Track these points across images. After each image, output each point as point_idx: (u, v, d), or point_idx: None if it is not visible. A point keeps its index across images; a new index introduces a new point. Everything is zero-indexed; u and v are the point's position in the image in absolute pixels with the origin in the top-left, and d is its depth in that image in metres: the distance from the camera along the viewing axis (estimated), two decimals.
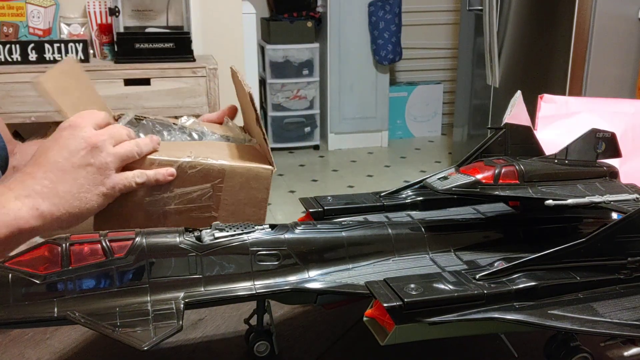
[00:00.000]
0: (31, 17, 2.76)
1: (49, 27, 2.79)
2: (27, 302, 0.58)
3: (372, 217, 0.80)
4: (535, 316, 0.62)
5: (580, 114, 1.19)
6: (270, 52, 4.57)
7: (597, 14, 2.87)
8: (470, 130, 4.04)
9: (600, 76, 2.97)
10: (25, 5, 2.74)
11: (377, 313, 0.61)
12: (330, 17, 4.56)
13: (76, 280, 0.59)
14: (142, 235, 0.63)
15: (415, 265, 0.70)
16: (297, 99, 4.72)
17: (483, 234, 0.76)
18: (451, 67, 5.15)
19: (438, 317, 0.60)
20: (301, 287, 0.65)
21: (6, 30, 2.73)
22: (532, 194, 0.74)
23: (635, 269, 0.68)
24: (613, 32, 2.91)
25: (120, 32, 2.71)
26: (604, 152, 0.82)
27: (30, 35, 2.75)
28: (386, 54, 4.64)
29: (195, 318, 0.82)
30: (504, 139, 0.83)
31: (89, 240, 0.61)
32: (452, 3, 5.06)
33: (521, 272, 0.65)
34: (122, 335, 0.57)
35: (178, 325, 0.58)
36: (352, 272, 0.68)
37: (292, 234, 0.68)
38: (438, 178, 0.76)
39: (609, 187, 0.78)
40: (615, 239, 0.67)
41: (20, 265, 0.59)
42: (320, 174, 4.45)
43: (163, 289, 0.62)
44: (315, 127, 4.84)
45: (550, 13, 3.11)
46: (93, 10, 2.82)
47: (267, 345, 0.72)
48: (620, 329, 0.62)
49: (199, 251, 0.64)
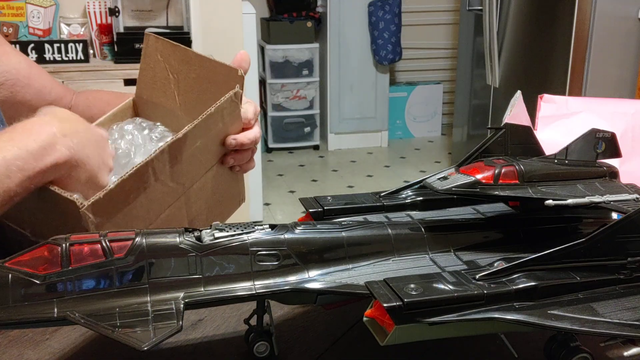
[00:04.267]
0: (31, 17, 2.76)
1: (49, 27, 2.79)
2: (27, 303, 0.58)
3: (372, 217, 0.80)
4: (535, 316, 0.62)
5: (580, 114, 1.19)
6: (270, 52, 4.57)
7: (597, 14, 2.87)
8: (470, 130, 4.04)
9: (600, 76, 2.97)
10: (25, 5, 2.74)
11: (377, 313, 0.61)
12: (330, 17, 4.56)
13: (76, 280, 0.59)
14: (142, 236, 0.63)
15: (415, 266, 0.70)
16: (297, 99, 4.72)
17: (483, 234, 0.76)
18: (451, 67, 5.14)
19: (438, 317, 0.60)
20: (301, 287, 0.65)
21: (6, 31, 2.73)
22: (532, 194, 0.74)
23: (635, 269, 0.68)
24: (613, 32, 2.91)
25: (120, 32, 2.71)
26: (604, 152, 0.82)
27: (30, 35, 2.75)
28: (386, 54, 4.64)
29: (195, 318, 0.82)
30: (504, 139, 0.83)
31: (88, 240, 0.61)
32: (452, 3, 5.06)
33: (521, 272, 0.65)
34: (122, 335, 0.56)
35: (178, 326, 0.58)
36: (352, 272, 0.68)
37: (292, 234, 0.68)
38: (438, 178, 0.76)
39: (609, 187, 0.78)
40: (615, 239, 0.67)
41: (20, 265, 0.59)
42: (320, 174, 4.45)
43: (163, 289, 0.62)
44: (315, 127, 4.84)
45: (550, 13, 3.11)
46: (93, 10, 2.82)
47: (267, 345, 0.72)
48: (620, 329, 0.62)
49: (199, 251, 0.64)
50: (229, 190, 0.97)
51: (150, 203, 0.80)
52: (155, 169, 0.79)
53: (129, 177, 0.75)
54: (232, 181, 0.97)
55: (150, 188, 0.79)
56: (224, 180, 0.95)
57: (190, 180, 0.86)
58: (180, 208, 0.86)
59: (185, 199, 0.86)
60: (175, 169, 0.82)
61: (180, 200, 0.85)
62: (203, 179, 0.89)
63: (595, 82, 2.96)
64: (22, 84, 0.99)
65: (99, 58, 2.83)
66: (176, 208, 0.85)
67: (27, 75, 0.99)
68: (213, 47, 2.97)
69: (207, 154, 0.87)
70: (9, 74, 0.97)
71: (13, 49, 1.00)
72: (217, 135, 0.87)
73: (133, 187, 0.76)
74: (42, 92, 1.01)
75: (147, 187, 0.78)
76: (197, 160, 0.86)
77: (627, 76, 2.99)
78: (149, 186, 0.79)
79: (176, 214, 0.85)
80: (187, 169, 0.84)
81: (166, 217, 0.83)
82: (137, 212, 0.78)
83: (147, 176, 0.78)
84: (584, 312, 0.64)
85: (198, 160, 0.86)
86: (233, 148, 0.91)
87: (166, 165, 0.80)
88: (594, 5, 2.86)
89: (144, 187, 0.78)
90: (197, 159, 0.86)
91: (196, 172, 0.87)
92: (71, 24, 2.85)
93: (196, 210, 0.89)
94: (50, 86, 1.03)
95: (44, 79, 1.02)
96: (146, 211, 0.79)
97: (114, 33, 2.72)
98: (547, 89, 2.44)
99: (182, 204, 0.86)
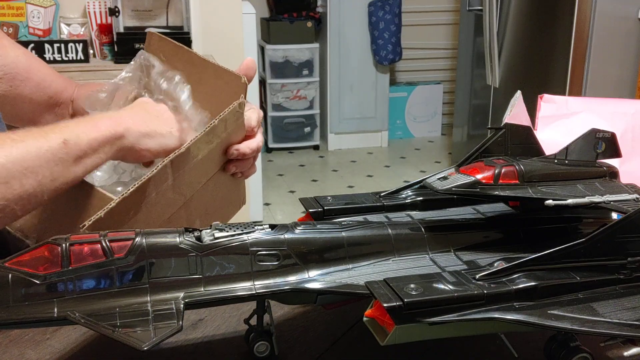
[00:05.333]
0: (31, 17, 2.76)
1: (49, 27, 2.79)
2: (27, 303, 0.58)
3: (372, 217, 0.80)
4: (535, 316, 0.62)
5: (580, 114, 1.19)
6: (270, 52, 4.57)
7: (597, 14, 2.87)
8: (470, 130, 4.04)
9: (600, 76, 2.97)
10: (25, 5, 2.74)
11: (377, 313, 0.61)
12: (330, 17, 4.56)
13: (76, 280, 0.59)
14: (142, 236, 0.63)
15: (415, 265, 0.70)
16: (297, 99, 4.72)
17: (483, 234, 0.76)
18: (451, 67, 5.14)
19: (438, 317, 0.60)
20: (301, 287, 0.65)
21: (6, 31, 2.73)
22: (532, 194, 0.74)
23: (635, 269, 0.68)
24: (613, 32, 2.91)
25: (120, 32, 2.71)
26: (604, 152, 0.82)
27: (30, 35, 2.75)
28: (386, 54, 4.64)
29: (195, 318, 0.82)
30: (504, 139, 0.83)
31: (89, 240, 0.61)
32: (452, 3, 5.06)
33: (521, 272, 0.65)
34: (122, 335, 0.56)
35: (178, 326, 0.58)
36: (352, 272, 0.68)
37: (292, 234, 0.68)
38: (438, 178, 0.76)
39: (609, 187, 0.78)
40: (615, 239, 0.67)
41: (20, 265, 0.59)
42: (320, 174, 4.44)
43: (163, 289, 0.62)
44: (315, 127, 4.84)
45: (550, 13, 3.11)
46: (93, 10, 2.82)
47: (267, 345, 0.72)
48: (620, 329, 0.62)
49: (199, 251, 0.64)
50: (229, 195, 0.97)
51: (151, 214, 0.79)
52: (157, 184, 0.78)
53: (130, 195, 0.74)
54: (233, 186, 0.97)
55: (152, 202, 0.78)
56: (225, 186, 0.94)
57: (191, 190, 0.86)
58: (179, 216, 0.85)
59: (185, 207, 0.86)
60: (177, 182, 0.81)
61: (180, 209, 0.85)
62: (204, 186, 0.88)
63: (595, 82, 2.96)
64: (21, 78, 0.97)
65: (99, 58, 2.83)
66: (176, 216, 0.84)
67: (26, 69, 0.98)
68: (213, 47, 2.97)
69: (209, 164, 0.87)
70: (7, 68, 0.96)
71: (11, 42, 0.98)
72: (219, 146, 0.87)
73: (134, 203, 0.76)
74: (41, 86, 0.99)
75: (148, 202, 0.78)
76: (199, 171, 0.85)
77: (627, 76, 2.99)
78: (150, 200, 0.78)
79: (175, 221, 0.84)
80: (189, 180, 0.84)
81: (165, 223, 0.83)
82: (137, 225, 0.77)
83: (149, 192, 0.77)
84: (584, 312, 0.64)
85: (200, 171, 0.86)
86: (235, 158, 0.91)
87: (168, 179, 0.80)
88: (594, 5, 2.86)
89: (145, 202, 0.77)
90: (199, 170, 0.85)
91: (197, 182, 0.86)
92: (71, 24, 2.85)
93: (196, 216, 0.89)
94: (51, 79, 1.01)
95: (44, 72, 1.01)
96: (145, 223, 0.78)
97: (114, 33, 2.72)
98: (547, 89, 2.44)
99: (182, 212, 0.85)
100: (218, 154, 0.88)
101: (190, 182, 0.84)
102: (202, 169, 0.86)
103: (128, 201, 0.74)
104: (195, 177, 0.85)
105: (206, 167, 0.87)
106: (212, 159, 0.87)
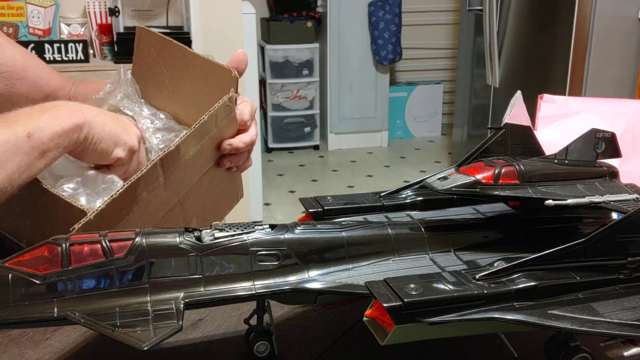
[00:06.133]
0: (31, 17, 2.76)
1: (48, 27, 2.78)
2: (27, 302, 0.58)
3: (372, 217, 0.80)
4: (535, 316, 0.62)
5: (580, 114, 1.19)
6: (270, 52, 4.57)
7: (597, 14, 2.88)
8: (470, 130, 4.04)
9: (600, 76, 2.97)
10: (25, 5, 2.74)
11: (377, 313, 0.61)
12: (330, 17, 4.56)
13: (76, 280, 0.59)
14: (142, 236, 0.63)
15: (415, 265, 0.70)
16: (297, 99, 4.72)
17: (483, 234, 0.76)
18: (451, 67, 5.15)
19: (438, 317, 0.60)
20: (301, 287, 0.65)
21: (6, 31, 2.73)
22: (532, 194, 0.74)
23: (635, 269, 0.68)
24: (613, 32, 2.91)
25: (120, 32, 2.71)
26: (604, 152, 0.82)
27: (30, 35, 2.75)
28: (386, 54, 4.64)
29: (195, 318, 0.82)
30: (504, 139, 0.83)
31: (89, 240, 0.61)
32: (452, 3, 5.07)
33: (521, 272, 0.65)
34: (122, 335, 0.56)
35: (178, 326, 0.58)
36: (352, 272, 0.68)
37: (292, 234, 0.68)
38: (438, 178, 0.76)
39: (609, 187, 0.78)
40: (615, 239, 0.67)
41: (20, 265, 0.59)
42: (320, 174, 4.45)
43: (163, 289, 0.62)
44: (315, 127, 4.84)
45: (550, 13, 3.11)
46: (93, 10, 2.82)
47: (267, 345, 0.72)
48: (620, 329, 0.62)
49: (199, 251, 0.64)
50: (225, 189, 0.96)
51: (143, 214, 0.78)
52: (148, 183, 0.77)
53: (120, 195, 0.73)
54: (229, 181, 0.97)
55: (143, 201, 0.78)
56: (221, 181, 0.94)
57: (184, 187, 0.85)
58: (175, 215, 0.85)
59: (180, 204, 0.85)
60: (168, 180, 0.81)
61: (175, 207, 0.84)
62: (198, 183, 0.88)
63: (595, 82, 2.96)
64: (18, 76, 0.97)
65: (99, 58, 2.83)
66: (171, 214, 0.84)
67: (23, 67, 0.97)
68: (213, 47, 2.97)
69: (201, 160, 0.86)
70: (4, 66, 0.95)
71: (8, 41, 0.98)
72: (211, 141, 0.86)
73: (124, 203, 0.75)
74: (39, 84, 0.99)
75: (139, 201, 0.77)
76: (191, 168, 0.84)
77: (627, 76, 2.99)
78: (142, 200, 0.77)
79: (171, 219, 0.84)
80: (182, 177, 0.83)
81: (160, 222, 0.82)
82: (130, 225, 0.77)
83: (139, 192, 0.76)
84: (584, 312, 0.64)
85: (192, 168, 0.85)
86: (228, 153, 0.90)
87: (159, 177, 0.79)
88: (594, 5, 2.86)
89: (136, 202, 0.77)
90: (192, 167, 0.84)
91: (191, 178, 0.86)
92: (71, 24, 2.85)
93: (192, 213, 0.88)
94: (48, 77, 1.00)
95: (41, 71, 1.00)
96: (139, 222, 0.78)
97: (114, 33, 2.72)
98: (547, 89, 2.44)
99: (177, 210, 0.85)
100: (210, 149, 0.87)
101: (183, 180, 0.84)
102: (195, 165, 0.85)
103: (118, 202, 0.73)
104: (188, 174, 0.84)
105: (199, 164, 0.86)
106: (204, 155, 0.86)
